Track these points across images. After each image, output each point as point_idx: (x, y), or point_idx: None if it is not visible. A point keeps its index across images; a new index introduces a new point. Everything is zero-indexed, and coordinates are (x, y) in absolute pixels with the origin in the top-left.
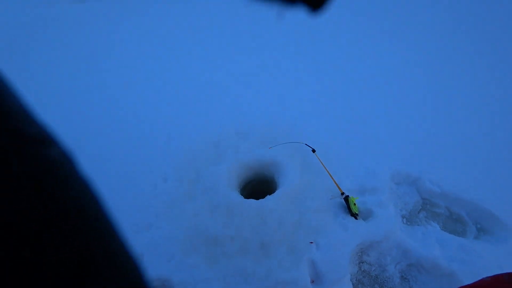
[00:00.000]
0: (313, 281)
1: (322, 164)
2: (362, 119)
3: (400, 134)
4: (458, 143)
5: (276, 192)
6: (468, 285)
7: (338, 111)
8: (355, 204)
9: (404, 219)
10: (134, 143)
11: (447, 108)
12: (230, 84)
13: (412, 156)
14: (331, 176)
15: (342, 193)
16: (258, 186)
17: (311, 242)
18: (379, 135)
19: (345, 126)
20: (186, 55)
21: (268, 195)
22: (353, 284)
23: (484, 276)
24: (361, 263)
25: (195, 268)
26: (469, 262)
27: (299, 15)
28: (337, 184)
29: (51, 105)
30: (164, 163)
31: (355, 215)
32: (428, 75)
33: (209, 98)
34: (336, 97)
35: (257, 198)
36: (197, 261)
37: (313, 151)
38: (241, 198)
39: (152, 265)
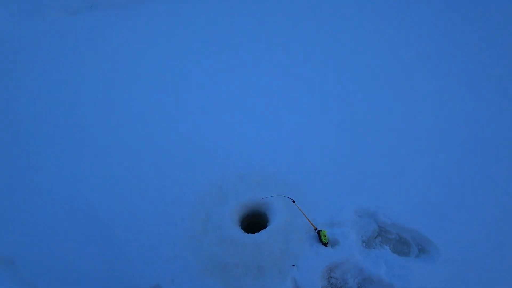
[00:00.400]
0: None
1: (300, 210)
2: (334, 165)
3: (362, 177)
4: (405, 185)
5: (268, 227)
6: None
7: (316, 159)
8: (325, 235)
9: (364, 243)
10: (153, 190)
11: (399, 158)
12: (226, 134)
13: (371, 194)
14: (306, 217)
15: (315, 229)
16: (254, 219)
17: (293, 265)
18: (348, 177)
19: (320, 170)
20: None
21: (262, 230)
22: None
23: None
24: (329, 278)
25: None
26: (405, 277)
27: None
28: (310, 222)
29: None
30: (181, 206)
31: (325, 244)
32: (390, 128)
33: (211, 145)
34: (314, 144)
35: (254, 229)
36: (212, 283)
37: (293, 201)
38: (242, 233)
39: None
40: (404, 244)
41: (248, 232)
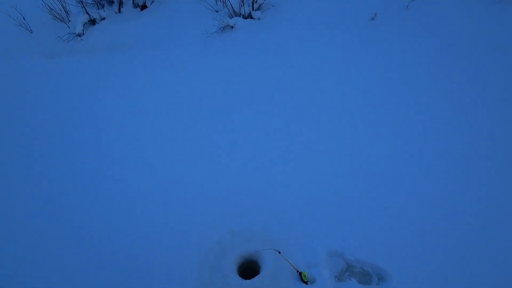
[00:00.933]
0: None
1: (285, 258)
2: (308, 218)
3: (331, 225)
4: (364, 228)
5: (260, 273)
6: None
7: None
8: (305, 275)
9: (336, 278)
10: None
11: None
12: (218, 197)
13: (338, 238)
14: (289, 263)
15: (297, 271)
16: (249, 265)
17: None
18: (320, 227)
19: (297, 223)
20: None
21: (256, 276)
22: None
23: None
24: None
25: None
26: None
27: None
28: (293, 266)
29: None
30: (189, 262)
31: (305, 283)
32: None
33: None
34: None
35: (249, 274)
36: None
37: (279, 252)
38: (241, 280)
39: None
40: (367, 275)
41: (244, 276)
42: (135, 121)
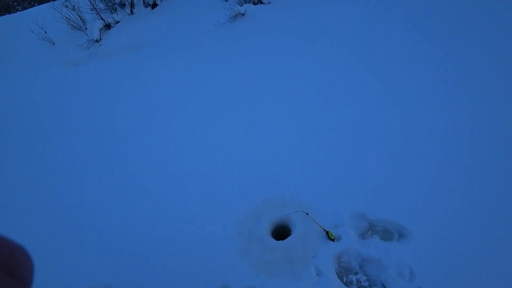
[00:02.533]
0: (317, 274)
1: (313, 219)
2: (333, 182)
3: (353, 189)
4: (385, 190)
5: (292, 235)
6: None
7: (319, 181)
8: (332, 234)
9: (360, 236)
10: (206, 217)
11: (381, 168)
12: (250, 166)
13: (360, 200)
14: (317, 223)
15: (324, 230)
16: (281, 230)
17: (313, 256)
18: (344, 190)
19: (322, 188)
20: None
21: (288, 237)
22: (336, 273)
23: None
24: (339, 262)
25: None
26: (388, 255)
27: None
28: (320, 226)
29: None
30: (229, 228)
31: (332, 240)
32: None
33: (242, 178)
34: (316, 168)
35: (282, 237)
36: (263, 276)
37: (307, 214)
38: (275, 241)
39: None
40: (388, 232)
41: (278, 240)
42: (156, 115)
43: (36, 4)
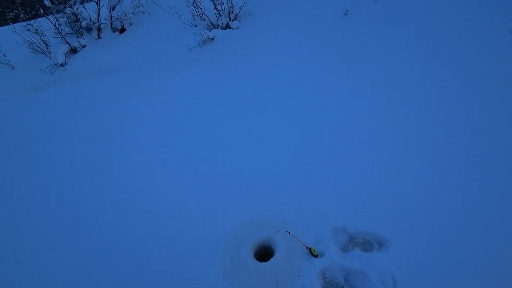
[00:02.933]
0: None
1: (295, 237)
2: (310, 201)
3: (332, 205)
4: (361, 203)
5: (275, 255)
6: None
7: (297, 201)
8: (314, 250)
9: (341, 250)
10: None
11: (354, 184)
12: (229, 194)
13: (339, 216)
14: (299, 241)
15: (307, 247)
16: (262, 249)
17: (299, 275)
18: (323, 207)
19: (301, 208)
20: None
21: (272, 257)
22: None
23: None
24: (325, 278)
25: None
26: (371, 265)
27: None
28: (303, 244)
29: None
30: (212, 255)
31: (315, 256)
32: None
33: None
34: (294, 188)
35: (266, 257)
36: None
37: (289, 233)
38: (259, 263)
39: None
40: (368, 243)
41: (262, 261)
42: (123, 142)
43: None
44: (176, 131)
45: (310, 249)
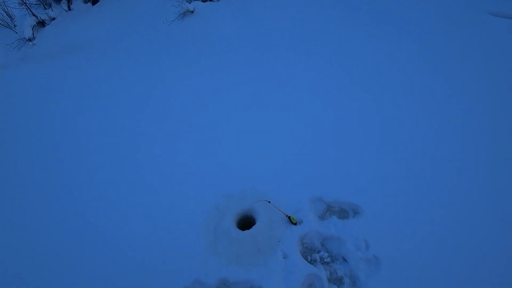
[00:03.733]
0: (284, 257)
1: (275, 206)
2: (291, 172)
3: (310, 177)
4: (338, 176)
5: (256, 224)
6: None
7: (277, 172)
8: (293, 218)
9: (319, 218)
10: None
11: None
12: (213, 166)
13: (317, 186)
14: (279, 210)
15: (286, 216)
16: (244, 219)
17: (279, 241)
18: (301, 178)
19: (281, 179)
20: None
21: (253, 226)
22: (301, 254)
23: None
24: (303, 244)
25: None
26: (346, 231)
27: None
28: (282, 212)
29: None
30: (195, 226)
31: (294, 224)
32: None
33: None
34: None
35: (247, 226)
36: (234, 267)
37: (269, 202)
38: (241, 232)
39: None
40: (344, 212)
41: (244, 230)
42: (101, 120)
43: None
44: (159, 110)
45: (289, 217)
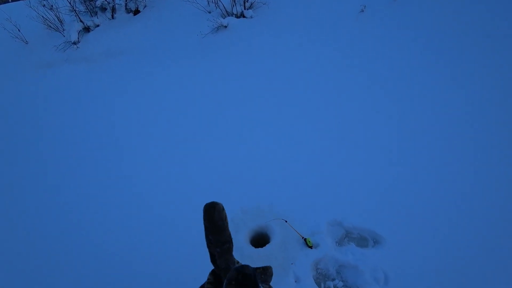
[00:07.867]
0: (296, 281)
1: (291, 226)
2: (309, 193)
3: (330, 198)
4: (360, 199)
5: (271, 242)
6: None
7: (296, 190)
8: (310, 241)
9: (336, 243)
10: (184, 231)
11: (354, 181)
12: (229, 179)
13: (337, 209)
14: (296, 231)
15: (302, 237)
16: (258, 236)
17: (292, 264)
18: (320, 200)
19: (299, 199)
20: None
21: (267, 244)
22: (314, 279)
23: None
24: (317, 269)
25: None
26: (364, 260)
27: None
28: (299, 234)
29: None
30: None
31: (310, 247)
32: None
33: (225, 190)
34: (294, 180)
35: (261, 244)
36: None
37: (286, 221)
38: (253, 248)
39: None
40: (364, 239)
41: (257, 247)
42: (136, 124)
43: (10, 0)
44: (179, 120)
45: (305, 240)
